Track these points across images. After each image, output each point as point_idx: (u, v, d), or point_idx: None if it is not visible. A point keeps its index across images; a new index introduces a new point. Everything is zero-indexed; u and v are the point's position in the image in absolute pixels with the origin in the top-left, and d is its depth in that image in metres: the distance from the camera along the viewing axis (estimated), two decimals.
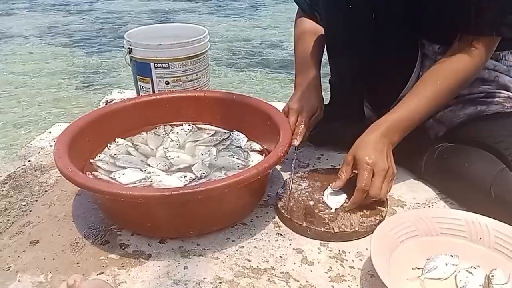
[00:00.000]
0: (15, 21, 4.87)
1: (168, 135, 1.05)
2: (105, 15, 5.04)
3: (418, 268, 0.74)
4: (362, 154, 0.84)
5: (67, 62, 3.65)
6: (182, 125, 1.07)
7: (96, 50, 3.95)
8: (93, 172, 0.91)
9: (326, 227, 0.83)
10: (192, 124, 1.08)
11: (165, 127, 1.07)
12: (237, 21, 4.78)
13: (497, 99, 0.96)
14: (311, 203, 0.89)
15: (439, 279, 0.73)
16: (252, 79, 3.27)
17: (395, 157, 1.05)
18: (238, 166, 0.93)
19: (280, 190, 0.93)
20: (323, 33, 1.10)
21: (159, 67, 1.21)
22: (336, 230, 0.83)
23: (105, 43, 4.11)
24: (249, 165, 0.92)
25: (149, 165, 0.94)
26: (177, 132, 1.05)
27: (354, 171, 0.87)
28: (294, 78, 1.11)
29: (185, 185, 0.86)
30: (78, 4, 5.52)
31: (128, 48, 1.22)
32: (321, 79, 1.08)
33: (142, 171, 0.92)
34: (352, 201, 0.86)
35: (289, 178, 0.96)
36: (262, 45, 4.04)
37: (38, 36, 4.32)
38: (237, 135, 1.03)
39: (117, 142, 1.01)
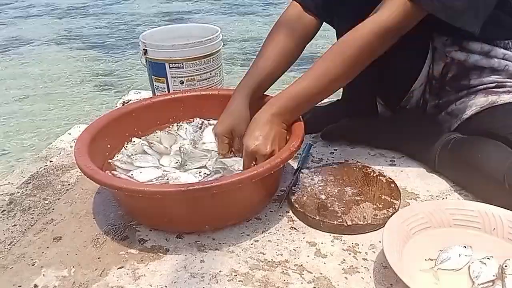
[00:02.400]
0: (32, 25, 4.96)
1: (178, 131, 1.07)
2: (120, 18, 5.10)
3: (431, 260, 0.75)
4: (247, 139, 0.85)
5: (83, 65, 3.71)
6: (193, 121, 1.10)
7: (112, 52, 4.00)
8: (112, 172, 0.94)
9: (339, 220, 0.84)
10: (202, 119, 1.10)
11: (178, 124, 1.10)
12: (251, 20, 4.79)
13: (508, 88, 0.95)
14: (324, 197, 0.90)
15: (453, 270, 0.73)
16: None
17: (408, 150, 1.06)
18: None
19: (293, 185, 0.95)
20: (305, 25, 1.04)
21: (173, 67, 1.23)
22: (349, 223, 0.84)
23: (120, 46, 4.17)
24: None
25: (162, 165, 0.96)
26: (186, 128, 1.08)
27: None
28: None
29: (199, 180, 0.89)
30: (92, 8, 5.60)
31: (144, 49, 1.25)
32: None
33: (159, 169, 0.94)
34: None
35: (297, 172, 0.98)
36: None
37: (55, 40, 4.40)
38: None
39: (133, 141, 1.04)
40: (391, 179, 0.96)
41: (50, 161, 1.15)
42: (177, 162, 0.96)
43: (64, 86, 3.29)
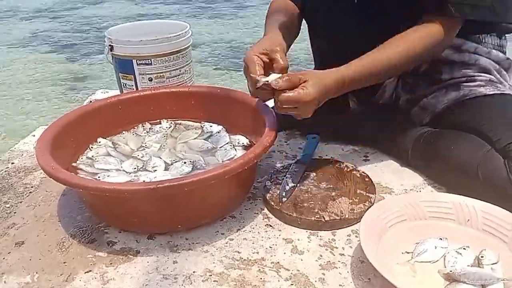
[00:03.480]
0: None
1: (148, 133, 1.04)
2: (88, 21, 4.99)
3: (408, 252, 0.74)
4: (311, 85, 0.79)
5: (50, 69, 3.61)
6: (161, 123, 1.06)
7: (79, 56, 3.91)
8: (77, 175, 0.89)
9: (316, 216, 0.83)
10: (170, 121, 1.07)
11: (144, 125, 1.06)
12: (221, 23, 4.78)
13: (479, 82, 0.96)
14: (299, 193, 0.89)
15: (429, 262, 0.73)
16: (238, 79, 3.26)
17: (381, 145, 1.06)
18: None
19: (268, 182, 0.93)
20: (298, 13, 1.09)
21: (141, 64, 1.20)
22: (327, 218, 0.82)
23: (88, 49, 4.07)
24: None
25: (124, 170, 0.91)
26: (157, 130, 1.04)
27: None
28: None
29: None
30: (59, 11, 5.46)
31: (109, 45, 1.21)
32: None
33: (127, 174, 0.90)
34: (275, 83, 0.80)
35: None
36: (246, 45, 4.04)
37: (21, 43, 4.26)
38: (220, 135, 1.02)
39: (99, 142, 0.99)
40: (365, 173, 0.95)
41: (12, 163, 1.09)
42: (135, 168, 0.91)
43: (30, 89, 3.19)
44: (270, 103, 0.94)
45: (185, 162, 0.91)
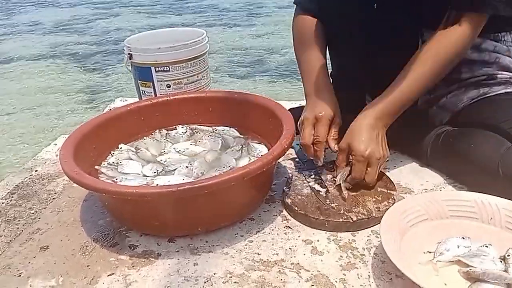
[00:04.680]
0: (16, 43, 4.94)
1: (166, 139, 1.05)
2: (106, 33, 5.10)
3: (430, 252, 0.74)
4: (357, 144, 0.85)
5: (70, 80, 3.69)
6: (176, 128, 1.08)
7: (98, 67, 3.99)
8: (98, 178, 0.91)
9: (344, 217, 0.82)
10: (186, 126, 1.08)
11: (161, 131, 1.07)
12: (236, 31, 4.83)
13: (499, 80, 0.95)
14: (321, 196, 0.88)
15: (452, 261, 0.72)
16: (253, 86, 3.28)
17: (399, 145, 1.06)
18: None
19: (286, 187, 0.92)
20: (323, 30, 1.09)
21: (160, 71, 1.22)
22: (354, 218, 0.82)
23: (107, 60, 4.16)
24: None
25: (144, 174, 0.93)
26: (173, 136, 1.06)
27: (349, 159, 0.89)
28: (300, 84, 1.08)
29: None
30: (77, 24, 5.59)
31: (128, 54, 1.23)
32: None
33: (144, 177, 0.91)
34: (347, 184, 0.89)
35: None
36: (261, 52, 4.07)
37: (40, 56, 4.37)
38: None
39: (121, 148, 1.01)
40: (381, 171, 0.94)
41: (36, 171, 1.12)
42: (155, 172, 0.93)
43: (51, 100, 3.27)
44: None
45: (201, 164, 0.92)
